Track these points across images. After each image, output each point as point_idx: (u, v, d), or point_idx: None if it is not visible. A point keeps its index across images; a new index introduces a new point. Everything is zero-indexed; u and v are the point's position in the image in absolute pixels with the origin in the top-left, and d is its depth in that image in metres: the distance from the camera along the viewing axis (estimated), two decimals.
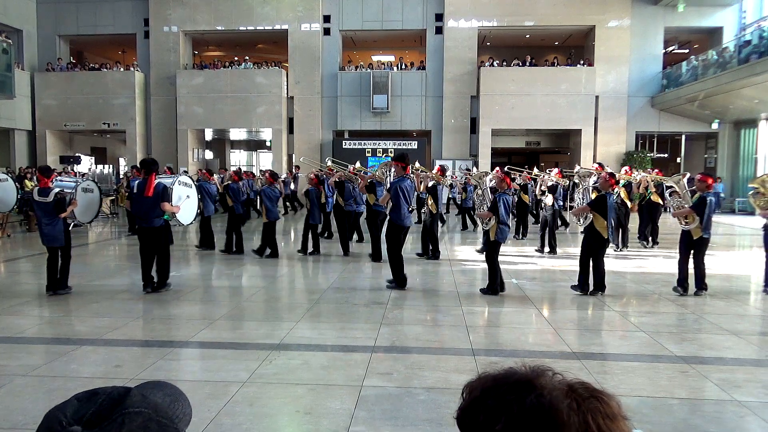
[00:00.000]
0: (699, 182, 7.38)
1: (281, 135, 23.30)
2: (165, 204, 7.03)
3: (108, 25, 24.08)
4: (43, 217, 6.93)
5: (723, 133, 21.90)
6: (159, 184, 7.06)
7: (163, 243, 7.28)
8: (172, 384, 0.81)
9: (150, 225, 7.08)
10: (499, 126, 22.53)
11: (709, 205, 7.04)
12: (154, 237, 7.13)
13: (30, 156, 23.53)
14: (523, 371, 0.74)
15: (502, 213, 7.11)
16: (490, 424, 0.69)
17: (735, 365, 4.73)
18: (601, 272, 7.19)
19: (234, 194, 10.90)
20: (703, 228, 7.10)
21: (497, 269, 7.21)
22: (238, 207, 10.95)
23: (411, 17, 23.09)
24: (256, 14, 23.30)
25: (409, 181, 7.87)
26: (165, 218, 7.26)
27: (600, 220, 7.08)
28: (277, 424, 3.64)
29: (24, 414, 3.61)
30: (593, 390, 0.72)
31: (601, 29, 22.29)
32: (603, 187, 7.49)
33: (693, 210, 7.15)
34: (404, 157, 7.80)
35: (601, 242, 7.16)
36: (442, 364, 4.67)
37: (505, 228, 7.20)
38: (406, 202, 7.59)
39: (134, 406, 0.68)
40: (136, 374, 4.31)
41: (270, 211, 9.94)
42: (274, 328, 5.73)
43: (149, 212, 7.01)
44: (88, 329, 5.64)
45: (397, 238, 7.59)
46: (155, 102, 23.87)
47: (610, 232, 7.24)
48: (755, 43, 17.11)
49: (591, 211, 7.26)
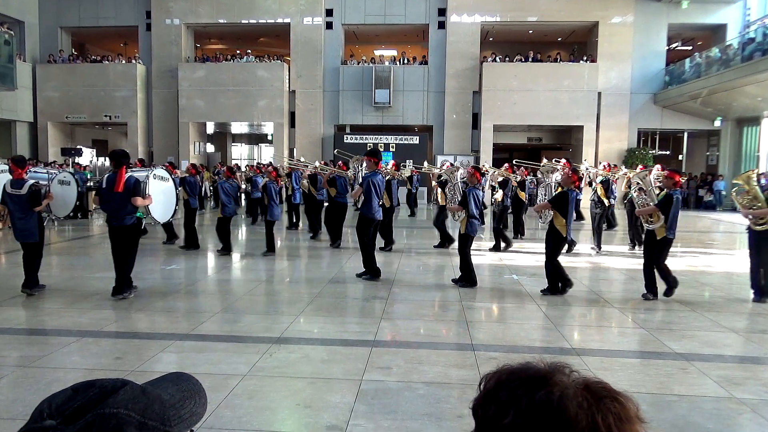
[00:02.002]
0: (666, 179, 6.96)
1: (283, 129, 23.26)
2: (136, 198, 6.42)
3: (110, 17, 24.02)
4: (16, 210, 6.54)
5: (725, 130, 21.84)
6: (130, 178, 6.47)
7: (133, 242, 6.65)
8: (195, 380, 0.78)
9: (121, 223, 6.45)
10: (501, 122, 22.48)
11: (675, 204, 6.64)
12: (125, 236, 6.52)
13: (31, 148, 23.52)
14: (541, 367, 0.74)
15: (472, 207, 7.31)
16: (499, 416, 0.69)
17: (734, 363, 4.74)
18: (556, 273, 6.93)
19: (190, 188, 10.65)
20: (668, 228, 6.69)
21: (470, 261, 7.37)
22: (194, 201, 10.68)
23: (413, 12, 23.01)
24: (259, 7, 23.23)
25: (380, 176, 8.12)
26: (138, 215, 6.64)
27: (559, 218, 6.82)
28: (277, 417, 3.65)
29: (24, 405, 3.62)
30: (611, 390, 0.71)
31: (605, 25, 22.20)
32: (565, 183, 7.19)
33: (658, 208, 6.77)
34: (376, 153, 8.13)
35: (559, 241, 6.93)
36: (442, 358, 4.67)
37: (475, 221, 7.39)
38: (377, 196, 7.87)
39: (113, 406, 0.64)
40: (137, 366, 4.32)
41: (225, 206, 9.60)
42: (274, 321, 5.74)
43: (120, 209, 6.39)
44: (89, 321, 5.65)
45: (368, 230, 7.88)
46: (157, 95, 23.83)
47: (569, 231, 6.89)
48: (759, 40, 17.04)
49: (551, 208, 7.00)
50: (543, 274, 8.39)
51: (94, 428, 0.61)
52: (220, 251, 9.72)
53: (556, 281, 6.95)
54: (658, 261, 6.79)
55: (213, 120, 24.39)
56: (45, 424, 0.62)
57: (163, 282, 7.75)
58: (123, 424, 0.63)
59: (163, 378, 0.75)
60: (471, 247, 7.48)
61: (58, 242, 11.60)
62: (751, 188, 6.97)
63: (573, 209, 6.96)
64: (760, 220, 6.80)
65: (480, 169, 7.97)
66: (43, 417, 0.63)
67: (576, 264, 9.31)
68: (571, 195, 6.90)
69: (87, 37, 26.94)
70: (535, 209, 7.97)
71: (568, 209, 6.81)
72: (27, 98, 23.06)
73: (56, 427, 0.62)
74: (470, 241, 7.44)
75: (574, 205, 6.98)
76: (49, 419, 0.63)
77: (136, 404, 0.65)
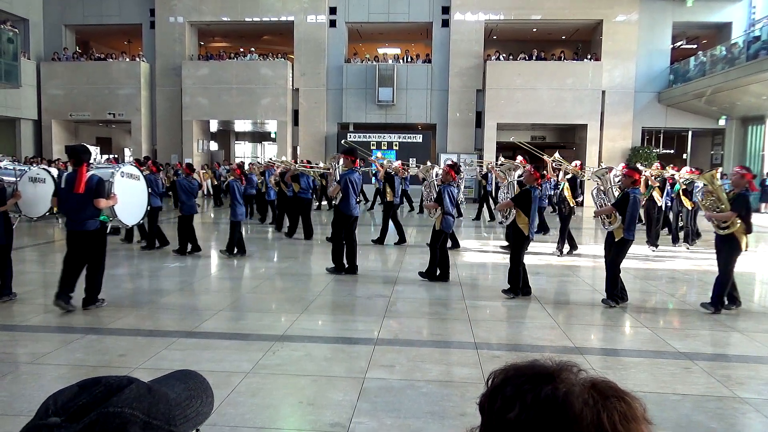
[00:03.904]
0: (624, 177, 6.57)
1: (286, 127, 23.27)
2: (99, 200, 5.74)
3: (114, 15, 24.06)
4: None
5: (730, 129, 21.76)
6: (92, 177, 5.75)
7: (97, 250, 5.97)
8: (202, 378, 0.77)
9: (82, 228, 5.76)
10: (505, 120, 22.43)
11: (632, 203, 6.28)
12: (87, 243, 5.83)
13: (36, 145, 23.58)
14: (548, 364, 0.74)
15: (447, 204, 7.49)
16: (505, 411, 0.70)
17: (738, 362, 4.73)
18: (518, 274, 6.74)
19: (150, 186, 10.00)
20: (626, 228, 6.34)
21: (437, 257, 7.57)
22: (156, 200, 9.90)
23: (417, 10, 22.97)
24: (262, 5, 23.22)
25: (357, 174, 8.26)
26: (102, 219, 5.93)
27: (522, 217, 6.65)
28: (279, 414, 3.66)
29: (29, 401, 3.63)
30: (618, 390, 0.71)
31: (609, 24, 22.13)
32: (528, 181, 6.91)
33: (615, 208, 6.43)
34: (353, 151, 8.26)
35: (521, 240, 6.76)
36: (445, 357, 4.68)
37: (449, 218, 7.58)
38: (354, 194, 8.05)
39: (117, 405, 0.63)
40: (140, 363, 4.34)
41: (185, 204, 9.30)
42: (277, 319, 5.75)
43: (80, 212, 5.72)
44: (93, 318, 5.67)
45: (344, 226, 8.06)
46: (160, 93, 23.86)
47: (532, 229, 6.71)
48: (764, 39, 16.95)
49: (514, 206, 6.78)
50: (546, 272, 8.38)
51: (97, 427, 0.61)
52: (176, 251, 9.37)
53: (518, 282, 6.76)
54: (613, 262, 6.48)
55: (216, 118, 24.42)
56: (49, 422, 0.62)
57: (161, 282, 7.77)
58: (127, 424, 0.62)
59: (170, 375, 0.74)
60: (444, 242, 7.67)
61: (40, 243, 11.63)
62: (715, 189, 6.47)
63: (536, 207, 6.78)
64: (723, 224, 6.23)
65: (455, 167, 8.03)
66: (48, 414, 0.63)
67: (578, 263, 9.31)
68: (534, 193, 6.74)
69: (91, 35, 26.99)
70: (498, 208, 7.70)
71: (531, 207, 6.63)
72: (31, 96, 23.12)
73: (60, 425, 0.62)
74: (444, 236, 7.62)
75: (537, 203, 6.80)
76: (54, 416, 0.63)
77: (141, 403, 0.65)
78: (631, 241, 6.50)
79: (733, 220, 6.11)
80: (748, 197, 6.18)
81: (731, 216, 6.12)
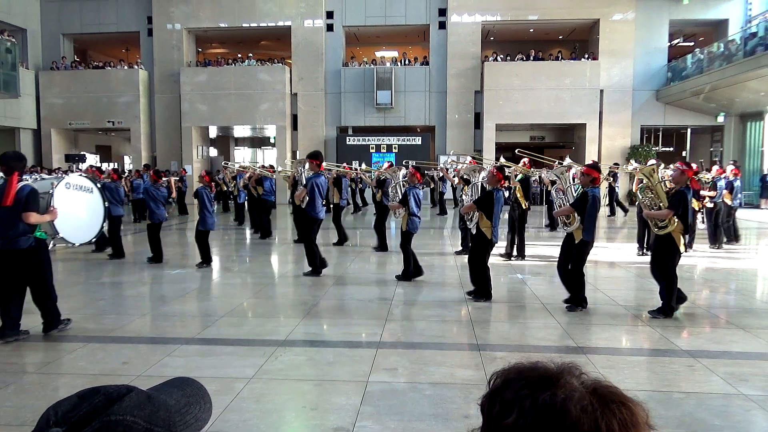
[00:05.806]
0: (583, 175, 6.20)
1: (285, 132, 23.30)
2: (29, 214, 4.97)
3: (111, 23, 24.12)
4: None
5: (729, 126, 21.76)
6: (23, 188, 5.03)
7: (36, 270, 5.19)
8: (199, 384, 0.78)
9: (13, 246, 4.98)
10: (504, 121, 22.46)
11: (591, 203, 5.92)
12: (21, 263, 5.06)
13: (35, 155, 23.61)
14: (550, 367, 0.73)
15: (412, 205, 7.62)
16: (502, 416, 0.69)
17: (741, 359, 4.72)
18: (486, 278, 6.54)
19: (111, 194, 9.54)
20: (584, 229, 5.99)
21: (410, 256, 7.66)
22: (116, 208, 9.73)
23: (414, 12, 23.02)
24: (259, 11, 23.27)
25: (323, 178, 8.39)
26: (38, 235, 5.17)
27: (485, 220, 6.42)
28: (283, 419, 3.65)
29: (33, 411, 3.63)
30: (620, 395, 0.70)
31: (606, 22, 22.16)
32: (490, 182, 6.64)
33: (573, 208, 6.09)
34: (318, 156, 8.37)
35: (484, 244, 6.50)
36: (448, 359, 4.67)
37: (415, 219, 7.71)
38: (320, 197, 8.17)
39: (119, 413, 0.64)
40: (143, 371, 4.34)
41: (154, 212, 9.13)
42: (280, 324, 5.75)
43: (9, 228, 4.96)
44: (95, 327, 5.68)
45: (311, 229, 8.21)
46: (159, 100, 23.90)
47: (495, 233, 6.46)
48: (761, 35, 16.97)
49: (477, 209, 6.56)
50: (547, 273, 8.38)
51: None
52: (149, 259, 9.20)
53: (487, 285, 6.58)
54: (574, 266, 6.16)
55: (215, 124, 24.45)
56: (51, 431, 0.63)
57: (162, 289, 7.77)
58: (129, 430, 0.63)
59: (167, 383, 0.75)
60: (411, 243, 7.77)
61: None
62: (654, 185, 6.09)
63: (500, 210, 6.53)
64: (660, 223, 5.89)
65: (420, 170, 8.12)
66: (50, 424, 0.64)
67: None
68: (497, 195, 6.48)
69: (89, 44, 27.05)
70: (462, 211, 7.50)
71: (494, 210, 6.40)
72: (30, 105, 23.16)
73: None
74: (410, 237, 7.71)
75: (501, 205, 6.55)
76: (55, 426, 0.63)
77: (142, 411, 0.66)
78: (591, 243, 6.16)
79: (671, 218, 5.78)
80: (687, 195, 5.81)
81: (668, 214, 5.79)
